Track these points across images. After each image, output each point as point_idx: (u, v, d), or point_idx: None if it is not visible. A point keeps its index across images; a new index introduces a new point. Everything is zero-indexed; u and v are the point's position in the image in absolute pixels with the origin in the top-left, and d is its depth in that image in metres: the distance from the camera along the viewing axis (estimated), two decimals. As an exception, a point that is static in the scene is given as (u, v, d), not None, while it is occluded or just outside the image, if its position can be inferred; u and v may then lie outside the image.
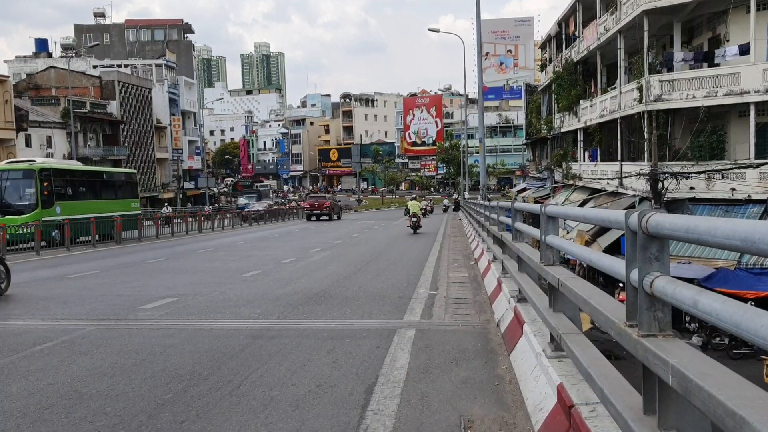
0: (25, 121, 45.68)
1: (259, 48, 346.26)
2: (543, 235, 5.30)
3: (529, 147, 58.65)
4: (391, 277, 12.48)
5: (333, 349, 6.49)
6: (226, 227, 38.51)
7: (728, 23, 22.56)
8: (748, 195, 19.35)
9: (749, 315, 1.85)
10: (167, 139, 69.52)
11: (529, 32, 69.95)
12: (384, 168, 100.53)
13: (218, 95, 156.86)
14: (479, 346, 6.47)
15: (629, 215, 2.80)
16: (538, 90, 50.51)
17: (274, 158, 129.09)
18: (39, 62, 65.16)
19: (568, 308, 4.52)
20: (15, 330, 7.84)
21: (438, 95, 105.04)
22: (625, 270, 2.89)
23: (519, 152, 78.48)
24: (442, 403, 4.71)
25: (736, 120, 22.16)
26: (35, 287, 12.11)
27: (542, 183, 45.45)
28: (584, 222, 8.36)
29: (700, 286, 2.44)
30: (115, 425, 4.34)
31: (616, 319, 2.92)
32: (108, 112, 56.55)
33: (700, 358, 2.26)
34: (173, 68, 73.41)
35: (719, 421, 1.87)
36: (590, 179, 30.46)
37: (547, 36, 45.19)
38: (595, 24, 30.45)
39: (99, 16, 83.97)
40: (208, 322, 8.14)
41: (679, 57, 23.64)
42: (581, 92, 33.88)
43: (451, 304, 9.19)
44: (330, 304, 9.22)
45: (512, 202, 9.81)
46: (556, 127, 39.93)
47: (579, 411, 3.31)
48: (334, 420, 4.39)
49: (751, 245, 1.83)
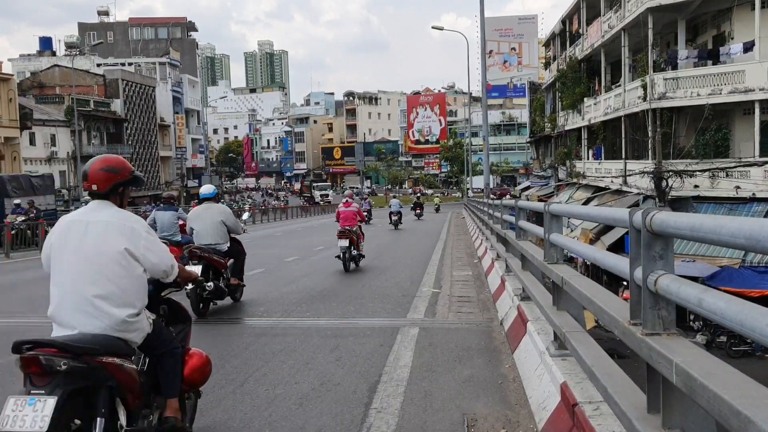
0: (29, 119, 45.79)
1: (263, 46, 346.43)
2: (547, 234, 5.29)
3: (532, 145, 58.57)
4: (394, 275, 12.47)
5: (336, 347, 6.49)
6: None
7: (733, 21, 22.48)
8: (753, 193, 19.29)
9: (754, 313, 1.85)
10: (171, 138, 69.65)
11: (533, 30, 69.87)
12: (387, 166, 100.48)
13: (222, 93, 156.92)
14: (483, 345, 6.47)
15: (633, 213, 2.79)
16: (542, 88, 50.43)
17: (278, 156, 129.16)
18: (43, 61, 65.26)
19: (572, 307, 4.51)
20: (19, 328, 7.85)
21: (441, 93, 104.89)
22: (629, 268, 2.88)
23: (523, 150, 78.36)
24: (446, 401, 4.71)
25: (740, 118, 22.08)
26: (40, 285, 12.11)
27: (546, 181, 45.39)
28: (588, 220, 8.34)
29: (704, 285, 2.43)
30: (119, 423, 4.34)
31: (621, 318, 2.91)
32: (112, 111, 56.67)
33: (704, 357, 2.25)
34: (177, 66, 73.49)
35: (724, 420, 1.86)
36: (594, 177, 30.41)
37: (551, 34, 45.11)
38: (599, 22, 30.38)
39: (103, 14, 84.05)
40: (211, 320, 8.15)
41: (683, 55, 23.56)
42: (585, 90, 33.81)
43: (454, 302, 9.18)
44: (333, 303, 9.23)
45: (515, 200, 9.80)
46: (560, 125, 39.85)
47: (582, 409, 3.31)
48: (337, 418, 4.39)
49: (756, 243, 1.82)
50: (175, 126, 70.16)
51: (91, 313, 3.05)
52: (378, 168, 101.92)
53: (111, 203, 3.28)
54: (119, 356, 3.04)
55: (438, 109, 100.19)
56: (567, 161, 36.69)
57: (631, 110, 24.88)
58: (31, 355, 2.80)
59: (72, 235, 3.18)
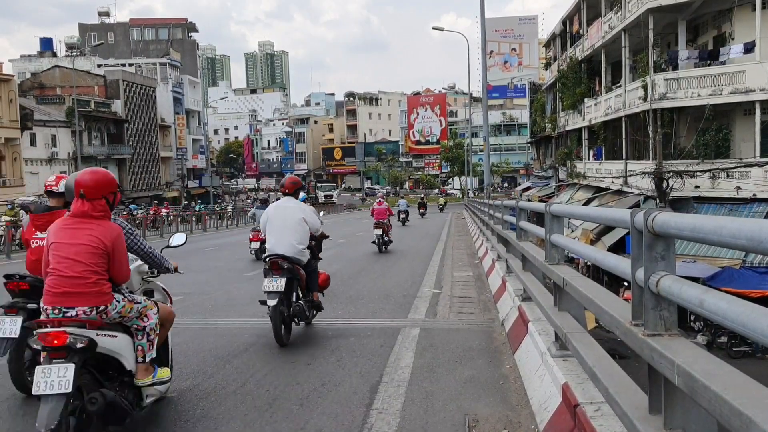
0: (30, 120, 45.82)
1: (263, 47, 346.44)
2: (548, 234, 5.29)
3: (533, 145, 58.56)
4: (395, 276, 12.48)
5: (337, 347, 6.49)
6: (230, 226, 38.60)
7: (733, 21, 22.48)
8: (754, 194, 19.29)
9: (756, 314, 1.85)
10: (171, 138, 69.69)
11: (534, 31, 69.96)
12: (388, 167, 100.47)
13: (222, 94, 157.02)
14: (484, 345, 6.46)
15: (635, 214, 2.79)
16: (543, 88, 50.41)
17: (279, 157, 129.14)
18: (44, 61, 65.30)
19: (573, 307, 4.51)
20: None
21: (442, 94, 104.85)
22: (630, 269, 2.88)
23: (523, 151, 78.37)
24: (447, 401, 4.71)
25: (741, 118, 22.09)
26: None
27: (546, 182, 45.39)
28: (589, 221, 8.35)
29: (705, 285, 2.44)
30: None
31: (622, 319, 2.92)
32: (112, 111, 56.69)
33: (706, 358, 2.25)
34: (177, 67, 73.52)
35: (725, 420, 1.86)
36: (595, 178, 30.41)
37: (551, 34, 45.11)
38: (599, 22, 30.39)
39: (103, 15, 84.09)
40: (212, 320, 8.16)
41: (683, 55, 23.57)
42: (586, 90, 33.81)
43: (455, 302, 9.18)
44: (334, 303, 9.22)
45: (516, 200, 9.80)
46: (560, 126, 39.85)
47: (584, 410, 3.31)
48: (338, 419, 4.39)
49: (758, 244, 1.82)
50: (175, 126, 70.19)
51: (288, 247, 6.76)
52: (378, 168, 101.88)
53: (294, 198, 7.17)
54: (299, 266, 6.84)
55: (438, 110, 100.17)
56: (567, 162, 36.68)
57: (632, 111, 24.88)
58: (273, 260, 6.59)
59: (278, 212, 7.00)
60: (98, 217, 3.85)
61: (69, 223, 3.84)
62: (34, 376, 3.44)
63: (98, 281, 3.77)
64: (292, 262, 6.70)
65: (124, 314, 3.93)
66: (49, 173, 48.29)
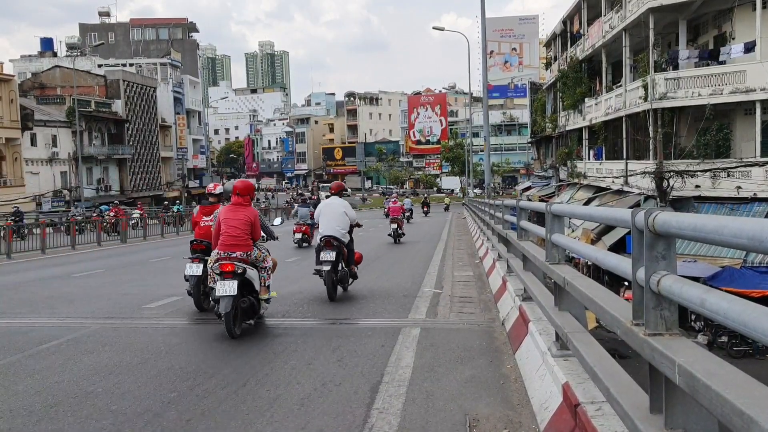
0: (31, 120, 45.86)
1: (264, 47, 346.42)
2: (548, 234, 5.29)
3: (533, 145, 58.57)
4: (395, 276, 12.48)
5: (338, 347, 6.49)
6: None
7: (734, 21, 22.47)
8: (754, 193, 19.29)
9: (756, 314, 1.85)
10: (172, 138, 69.70)
11: (534, 30, 69.88)
12: (388, 167, 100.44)
13: (223, 94, 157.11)
14: (484, 345, 6.46)
15: (636, 214, 2.79)
16: (543, 88, 50.42)
17: (279, 157, 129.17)
18: (44, 61, 65.33)
19: (574, 307, 4.51)
20: (21, 328, 7.87)
21: (442, 94, 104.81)
22: (631, 269, 2.88)
23: (524, 150, 78.36)
24: (448, 401, 4.71)
25: (741, 118, 22.08)
26: (41, 286, 12.15)
27: (547, 181, 45.41)
28: (590, 221, 8.33)
29: (706, 285, 2.43)
30: (121, 423, 4.35)
31: (623, 318, 2.91)
32: (113, 111, 56.71)
33: (707, 357, 2.25)
34: (178, 67, 73.54)
35: (727, 420, 1.86)
36: (595, 177, 30.41)
37: (551, 34, 45.11)
38: (600, 22, 30.38)
39: (104, 15, 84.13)
40: (213, 321, 8.15)
41: (684, 55, 23.56)
42: (586, 90, 33.81)
43: (456, 302, 9.18)
44: (334, 303, 9.22)
45: (517, 200, 9.79)
46: (561, 126, 39.85)
47: (585, 410, 3.30)
48: (339, 418, 4.39)
49: (759, 244, 1.82)
50: (176, 126, 70.18)
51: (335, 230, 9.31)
52: (379, 168, 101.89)
53: (338, 197, 9.83)
54: (342, 245, 9.36)
55: (439, 110, 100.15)
56: (568, 161, 36.68)
57: (632, 110, 24.87)
58: (326, 239, 9.19)
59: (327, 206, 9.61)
60: (246, 204, 7.24)
61: (231, 208, 7.17)
62: (216, 287, 6.70)
63: (247, 239, 7.07)
64: (339, 241, 9.27)
65: (257, 258, 7.21)
66: (50, 173, 48.40)
